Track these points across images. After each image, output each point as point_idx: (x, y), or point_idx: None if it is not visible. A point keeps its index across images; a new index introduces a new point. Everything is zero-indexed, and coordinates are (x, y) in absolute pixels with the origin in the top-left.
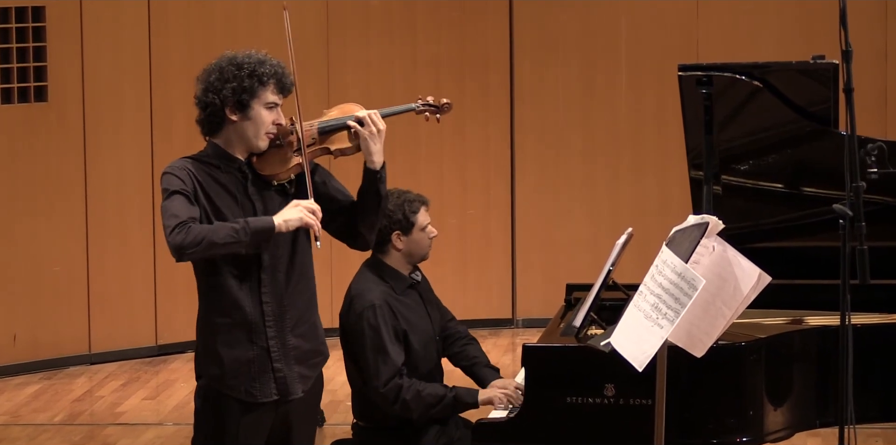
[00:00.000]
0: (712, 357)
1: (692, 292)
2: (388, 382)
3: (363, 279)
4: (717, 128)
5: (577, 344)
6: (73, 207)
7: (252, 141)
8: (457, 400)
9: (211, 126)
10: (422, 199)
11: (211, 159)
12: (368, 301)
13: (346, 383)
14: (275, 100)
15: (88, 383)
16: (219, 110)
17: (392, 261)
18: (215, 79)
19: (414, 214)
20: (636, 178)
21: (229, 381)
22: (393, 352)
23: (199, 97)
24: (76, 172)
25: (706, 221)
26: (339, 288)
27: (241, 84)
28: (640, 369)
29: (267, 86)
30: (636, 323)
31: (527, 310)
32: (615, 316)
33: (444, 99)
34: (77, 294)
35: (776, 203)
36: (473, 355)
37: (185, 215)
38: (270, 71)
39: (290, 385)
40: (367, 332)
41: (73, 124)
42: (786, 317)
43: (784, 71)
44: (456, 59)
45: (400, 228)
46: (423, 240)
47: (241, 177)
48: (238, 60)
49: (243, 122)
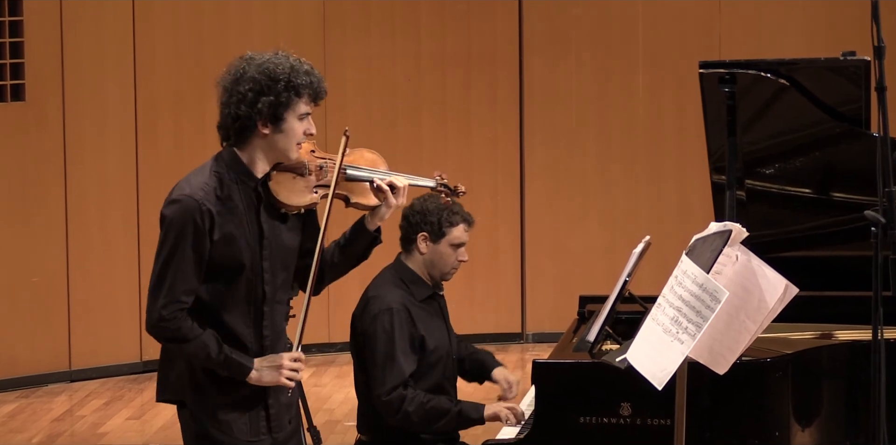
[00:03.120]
0: (735, 374)
1: (715, 305)
2: (391, 391)
3: (383, 281)
4: (741, 130)
5: (590, 361)
6: (53, 214)
7: (283, 153)
8: (461, 415)
9: (238, 137)
10: (466, 217)
11: (228, 172)
12: (386, 304)
13: (343, 401)
14: (307, 110)
15: (69, 402)
16: (251, 124)
17: (415, 265)
18: (248, 91)
19: (449, 226)
20: (654, 183)
21: (221, 417)
22: (403, 361)
23: (228, 107)
24: (56, 176)
25: (729, 229)
26: (336, 298)
27: (277, 99)
28: (660, 387)
29: (302, 97)
30: (655, 338)
31: (537, 324)
32: (632, 330)
33: (462, 187)
34: (57, 306)
35: (803, 209)
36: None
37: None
38: (307, 81)
39: (281, 419)
40: (379, 336)
41: (52, 125)
42: (814, 332)
43: (812, 68)
44: (462, 56)
45: (430, 232)
46: (449, 257)
47: (254, 196)
48: (270, 71)
49: (275, 135)
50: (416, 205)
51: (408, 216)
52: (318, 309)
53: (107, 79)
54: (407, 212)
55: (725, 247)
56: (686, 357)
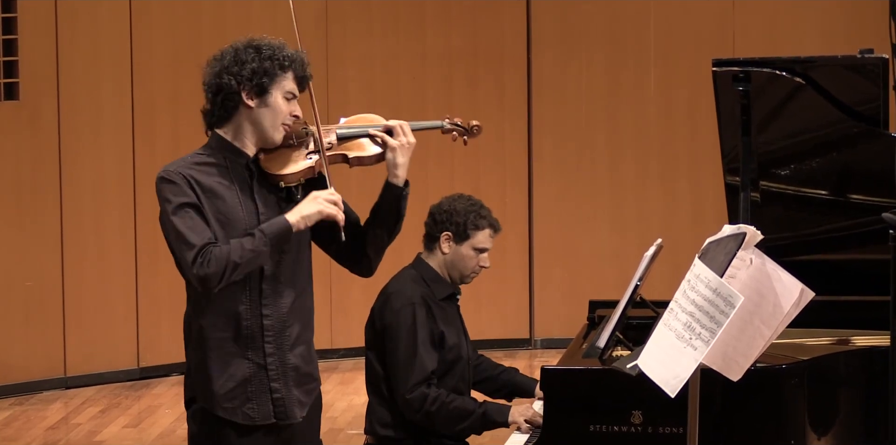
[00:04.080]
0: (749, 381)
1: (729, 310)
2: (414, 388)
3: (403, 278)
4: (756, 130)
5: (601, 367)
6: (47, 216)
7: (268, 131)
8: (486, 417)
9: (222, 113)
10: (493, 222)
11: (214, 154)
12: (408, 299)
13: (346, 409)
14: (293, 89)
15: (64, 409)
16: (234, 94)
17: (436, 264)
18: (230, 61)
19: (475, 229)
20: (666, 184)
21: (224, 403)
22: (426, 357)
23: (209, 82)
24: (50, 177)
25: (743, 231)
26: (338, 303)
27: (261, 65)
28: (673, 395)
29: (287, 72)
30: (667, 344)
31: (546, 330)
32: (643, 336)
33: (475, 121)
34: (51, 311)
35: (820, 211)
36: (495, 366)
37: (201, 239)
38: (292, 56)
39: (288, 407)
40: (402, 330)
41: (46, 125)
42: (830, 337)
43: (829, 66)
44: (468, 53)
45: (454, 232)
46: (471, 261)
47: (247, 174)
48: (256, 43)
49: (260, 109)
50: (444, 203)
51: (434, 214)
52: (319, 315)
53: (103, 78)
54: (434, 209)
55: (739, 251)
56: (699, 363)
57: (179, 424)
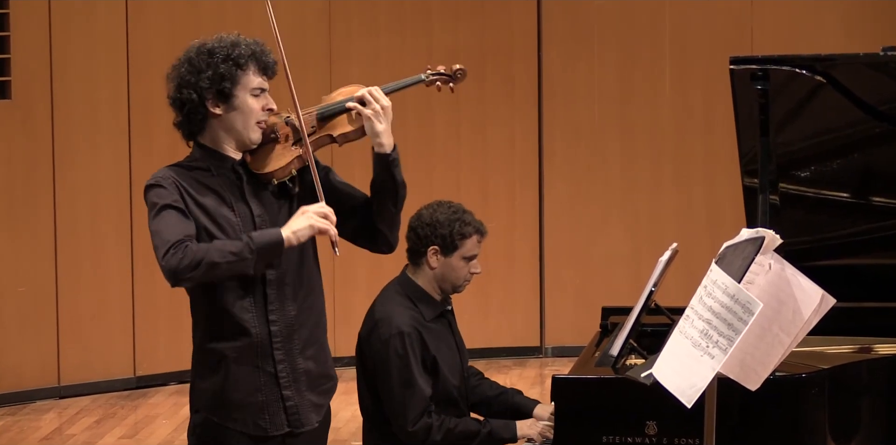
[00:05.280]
0: (768, 390)
1: (747, 317)
2: (417, 420)
3: (390, 300)
4: (774, 130)
5: (614, 376)
6: (41, 219)
7: (243, 133)
8: (492, 436)
9: (192, 126)
10: (479, 227)
11: (200, 163)
12: (396, 327)
13: (350, 420)
14: (260, 84)
15: (58, 419)
16: (198, 106)
17: (423, 282)
18: (186, 72)
19: (462, 238)
20: (682, 186)
21: (234, 414)
22: (422, 385)
23: (172, 96)
24: (44, 179)
25: (762, 235)
26: (342, 310)
27: (216, 71)
28: (689, 405)
29: (247, 69)
30: (683, 352)
31: (557, 337)
32: (658, 343)
33: (457, 65)
34: (45, 318)
35: (841, 214)
36: (494, 388)
37: (178, 234)
38: (247, 52)
39: (302, 414)
40: (393, 362)
41: (40, 125)
42: (852, 345)
43: (850, 64)
44: (476, 51)
45: (441, 245)
46: (462, 271)
47: (235, 178)
48: (208, 47)
49: (229, 114)
50: (424, 215)
51: (416, 228)
52: None
53: (99, 77)
54: (415, 223)
55: (758, 255)
56: (716, 372)
57: (177, 435)
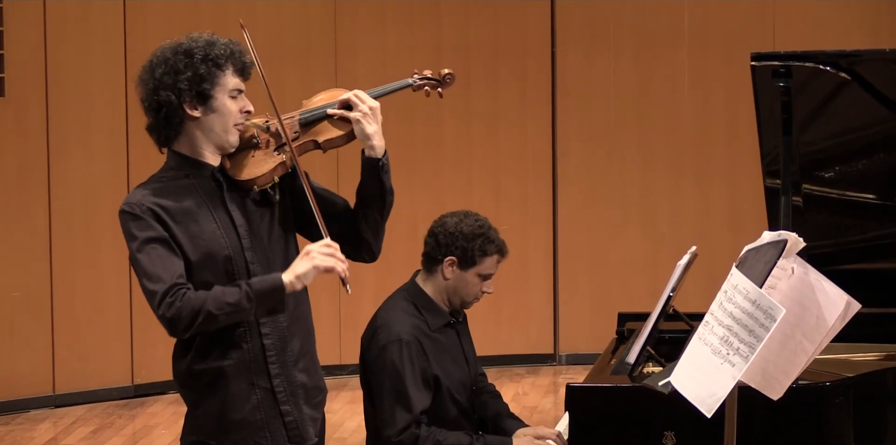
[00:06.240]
0: (791, 399)
1: (770, 323)
2: (402, 431)
3: (394, 306)
4: (797, 129)
5: (630, 385)
6: (35, 222)
7: (221, 136)
8: None
9: (169, 129)
10: (501, 247)
11: (176, 173)
12: (395, 334)
13: (356, 430)
14: (237, 85)
15: (53, 429)
16: (176, 108)
17: (432, 290)
18: (163, 74)
19: (482, 256)
20: (701, 188)
21: (233, 435)
22: (414, 398)
23: (147, 99)
24: (38, 179)
25: (784, 238)
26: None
27: (196, 72)
28: (709, 414)
29: (225, 69)
30: (702, 360)
31: (572, 344)
32: (676, 351)
33: (445, 69)
34: (39, 324)
35: (867, 217)
36: (496, 408)
37: (170, 277)
38: (225, 51)
39: (302, 429)
40: (387, 370)
41: (34, 124)
42: (878, 352)
43: (876, 61)
44: (488, 47)
45: (459, 257)
46: (474, 288)
47: (214, 185)
48: (185, 47)
49: (208, 116)
50: (448, 223)
51: (437, 234)
52: (328, 329)
53: (95, 73)
54: (438, 229)
55: (780, 259)
56: (737, 381)
57: None
